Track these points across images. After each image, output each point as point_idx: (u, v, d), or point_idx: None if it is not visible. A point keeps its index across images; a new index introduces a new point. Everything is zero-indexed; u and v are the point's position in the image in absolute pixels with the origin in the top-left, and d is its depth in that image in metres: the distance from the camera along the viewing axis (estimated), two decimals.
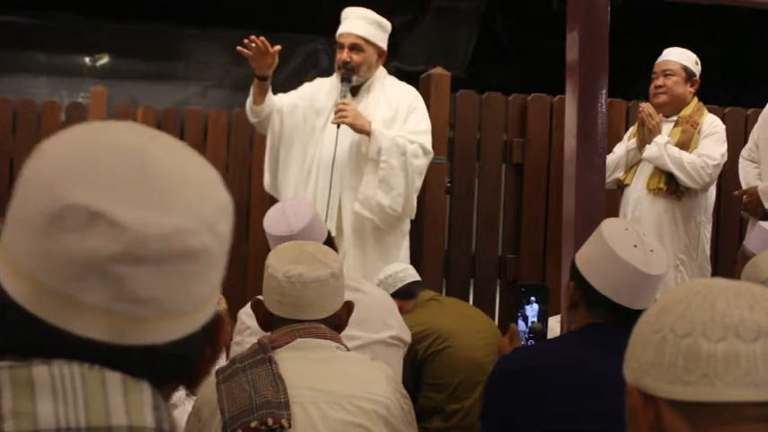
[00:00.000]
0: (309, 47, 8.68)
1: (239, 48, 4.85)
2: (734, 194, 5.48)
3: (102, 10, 8.38)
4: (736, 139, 5.72)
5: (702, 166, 5.19)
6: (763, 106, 5.42)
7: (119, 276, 0.94)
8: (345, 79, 4.92)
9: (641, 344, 1.31)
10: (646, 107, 5.29)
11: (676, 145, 5.24)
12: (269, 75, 4.89)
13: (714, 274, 5.71)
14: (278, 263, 2.63)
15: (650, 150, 5.23)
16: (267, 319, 2.68)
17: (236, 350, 3.53)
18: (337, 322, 2.69)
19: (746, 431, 1.25)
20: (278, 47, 4.86)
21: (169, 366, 1.00)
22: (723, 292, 1.29)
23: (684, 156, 5.19)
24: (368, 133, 4.82)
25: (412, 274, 4.57)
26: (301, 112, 5.00)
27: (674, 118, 5.36)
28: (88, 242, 0.94)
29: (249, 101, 4.99)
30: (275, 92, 5.03)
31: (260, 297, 2.71)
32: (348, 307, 2.73)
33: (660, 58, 5.43)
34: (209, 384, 2.59)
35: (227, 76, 8.63)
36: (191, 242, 0.98)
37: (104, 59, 8.52)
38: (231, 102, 7.61)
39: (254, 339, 2.78)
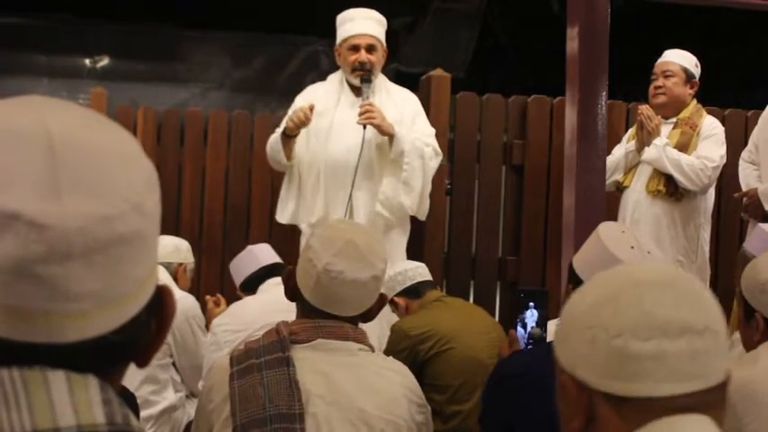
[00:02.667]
0: (309, 48, 8.68)
1: (290, 125, 4.87)
2: (734, 197, 5.48)
3: (102, 11, 8.38)
4: (737, 141, 5.72)
5: (701, 168, 5.19)
6: (762, 108, 5.42)
7: (49, 277, 0.88)
8: (365, 80, 4.94)
9: (574, 335, 1.39)
10: (645, 109, 5.29)
11: (675, 147, 5.23)
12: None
13: (714, 275, 5.72)
14: (321, 249, 2.48)
15: (649, 152, 5.23)
16: (295, 294, 2.56)
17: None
18: (367, 314, 2.57)
19: (673, 420, 1.35)
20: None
21: (119, 352, 0.96)
22: (650, 289, 1.37)
23: (683, 158, 5.19)
24: (391, 135, 4.85)
25: (422, 273, 4.58)
26: (305, 130, 4.98)
27: (673, 120, 5.36)
28: (8, 247, 0.87)
29: (277, 156, 4.98)
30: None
31: (293, 268, 2.59)
32: (381, 300, 2.60)
33: (660, 60, 5.43)
34: (221, 370, 2.50)
35: (227, 77, 8.63)
36: (119, 229, 0.91)
37: (105, 61, 8.51)
38: (231, 103, 7.61)
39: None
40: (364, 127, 4.82)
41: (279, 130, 5.01)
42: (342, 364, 2.48)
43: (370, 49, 4.97)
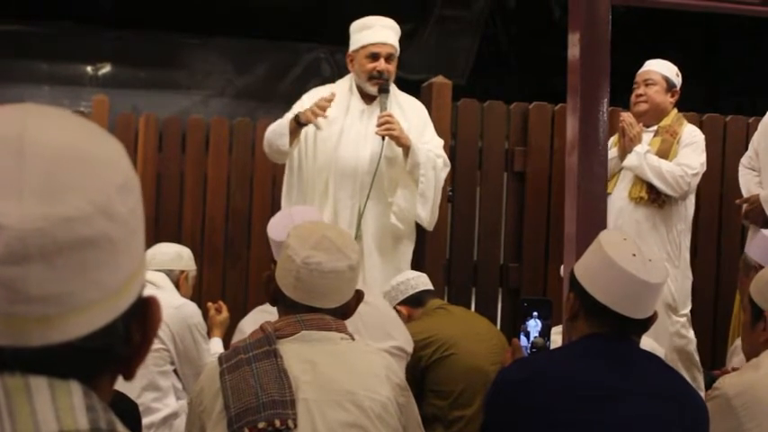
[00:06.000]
0: (311, 55, 8.68)
1: (311, 115, 4.75)
2: (735, 203, 5.49)
3: (103, 19, 8.39)
4: (738, 148, 5.74)
5: (681, 175, 5.23)
6: (763, 114, 5.44)
7: (8, 278, 0.88)
8: (384, 90, 4.92)
9: None
10: (626, 117, 5.35)
11: (656, 154, 5.30)
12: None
13: (717, 280, 5.74)
14: (298, 246, 2.63)
15: (630, 160, 5.28)
16: (276, 296, 2.71)
17: None
18: (345, 310, 2.72)
19: None
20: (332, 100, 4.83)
21: (92, 360, 0.94)
22: None
23: (664, 165, 5.24)
24: (407, 147, 4.84)
25: (424, 282, 4.61)
26: (312, 131, 4.96)
27: (654, 128, 5.41)
28: None
29: (279, 142, 4.84)
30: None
31: (271, 272, 2.74)
32: (358, 296, 2.74)
33: (641, 69, 5.50)
34: (211, 370, 2.62)
35: (229, 85, 8.63)
36: (81, 231, 0.90)
37: (106, 68, 8.51)
38: (233, 111, 7.61)
39: None
40: (383, 138, 4.81)
41: (288, 116, 4.91)
42: (326, 352, 2.61)
43: (389, 58, 4.96)
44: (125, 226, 0.94)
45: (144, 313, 0.99)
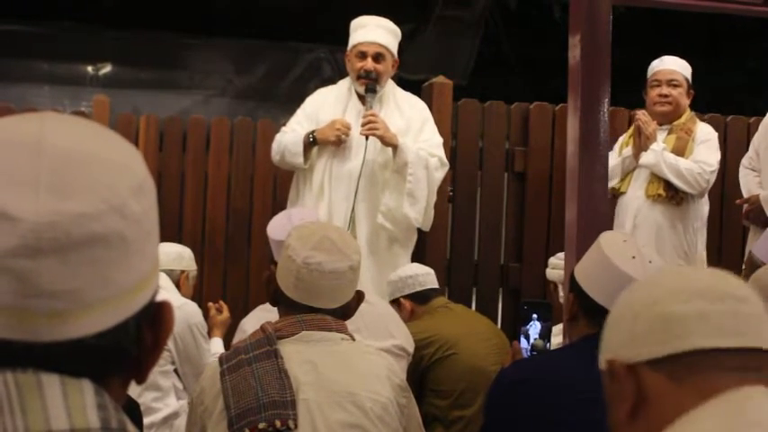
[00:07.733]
0: (311, 55, 8.68)
1: (336, 140, 4.87)
2: (736, 203, 5.49)
3: (104, 19, 8.39)
4: (739, 148, 5.74)
5: (699, 172, 5.22)
6: (763, 114, 5.44)
7: (21, 271, 0.89)
8: (370, 89, 4.90)
9: (614, 327, 1.41)
10: (642, 114, 5.32)
11: (672, 152, 5.27)
12: None
13: None
14: (299, 246, 2.63)
15: (647, 157, 5.25)
16: (277, 296, 2.71)
17: None
18: (345, 311, 2.71)
19: (722, 379, 1.30)
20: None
21: (103, 360, 0.94)
22: (692, 270, 1.43)
23: (681, 162, 5.22)
24: (395, 146, 4.83)
25: (432, 281, 4.60)
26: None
27: (667, 126, 5.39)
28: None
29: (294, 161, 4.95)
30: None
31: (272, 272, 2.74)
32: (359, 296, 2.74)
33: (662, 67, 5.43)
34: (212, 370, 2.63)
35: (229, 85, 8.63)
36: (94, 227, 0.91)
37: (107, 68, 8.51)
38: (234, 110, 7.61)
39: None
40: (366, 138, 4.80)
41: (294, 126, 4.97)
42: (327, 352, 2.61)
43: (378, 57, 4.94)
44: (139, 226, 0.95)
45: (157, 317, 0.99)
